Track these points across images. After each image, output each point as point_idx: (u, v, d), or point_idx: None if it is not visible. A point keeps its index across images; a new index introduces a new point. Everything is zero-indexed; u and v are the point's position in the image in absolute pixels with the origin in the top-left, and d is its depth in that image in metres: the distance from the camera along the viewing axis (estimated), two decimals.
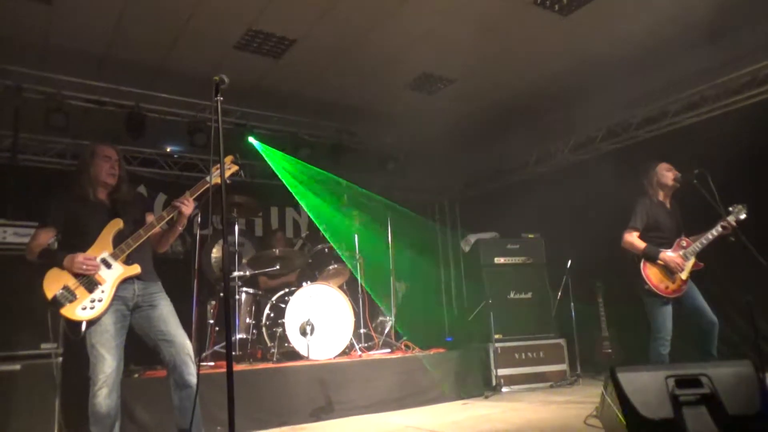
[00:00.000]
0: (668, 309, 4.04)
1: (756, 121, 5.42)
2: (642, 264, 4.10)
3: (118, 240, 3.02)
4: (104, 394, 2.81)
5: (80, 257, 2.88)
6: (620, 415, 2.83)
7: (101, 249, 2.98)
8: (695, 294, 4.11)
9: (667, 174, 4.25)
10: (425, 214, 9.16)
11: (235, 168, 3.23)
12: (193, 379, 2.97)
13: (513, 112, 6.99)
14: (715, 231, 4.02)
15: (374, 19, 5.04)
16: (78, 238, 3.01)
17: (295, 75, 5.95)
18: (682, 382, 2.85)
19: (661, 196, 4.29)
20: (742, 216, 3.99)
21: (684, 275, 4.06)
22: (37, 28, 4.82)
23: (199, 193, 3.15)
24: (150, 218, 3.19)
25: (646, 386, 2.85)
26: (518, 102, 6.74)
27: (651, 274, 4.07)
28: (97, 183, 3.13)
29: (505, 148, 7.83)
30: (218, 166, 3.02)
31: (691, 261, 4.10)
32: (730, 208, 4.00)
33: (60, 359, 3.98)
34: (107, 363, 2.85)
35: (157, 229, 3.09)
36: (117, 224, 3.06)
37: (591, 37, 5.48)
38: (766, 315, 5.02)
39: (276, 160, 6.53)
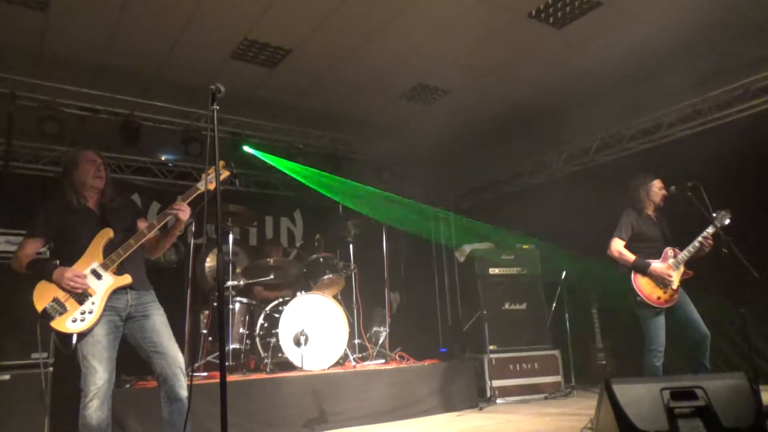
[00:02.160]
0: (661, 320, 4.05)
1: (749, 133, 5.46)
2: (632, 276, 4.12)
3: (109, 250, 2.96)
4: (95, 406, 2.77)
5: (68, 273, 2.83)
6: (615, 427, 2.82)
7: (91, 259, 2.94)
8: (688, 305, 4.12)
9: (658, 192, 4.31)
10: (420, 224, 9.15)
11: (225, 173, 3.20)
12: (184, 393, 2.93)
13: (508, 123, 7.02)
14: (701, 238, 4.04)
15: (370, 30, 5.07)
16: (68, 247, 2.97)
17: (290, 84, 5.97)
18: (677, 394, 2.85)
19: (649, 209, 4.33)
20: (726, 221, 4.01)
21: (674, 284, 4.07)
22: (32, 35, 4.81)
23: (191, 198, 3.11)
24: (142, 225, 3.15)
25: (640, 398, 2.85)
26: (513, 113, 6.77)
27: (642, 285, 4.08)
28: (83, 188, 3.08)
29: (500, 158, 7.85)
30: (209, 172, 3.03)
31: (680, 270, 4.12)
32: (714, 214, 4.02)
33: (50, 369, 3.94)
34: (99, 375, 2.81)
35: (150, 236, 3.06)
36: (107, 234, 3.01)
37: (585, 50, 5.52)
38: (759, 327, 5.04)
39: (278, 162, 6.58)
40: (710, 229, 3.98)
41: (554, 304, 6.08)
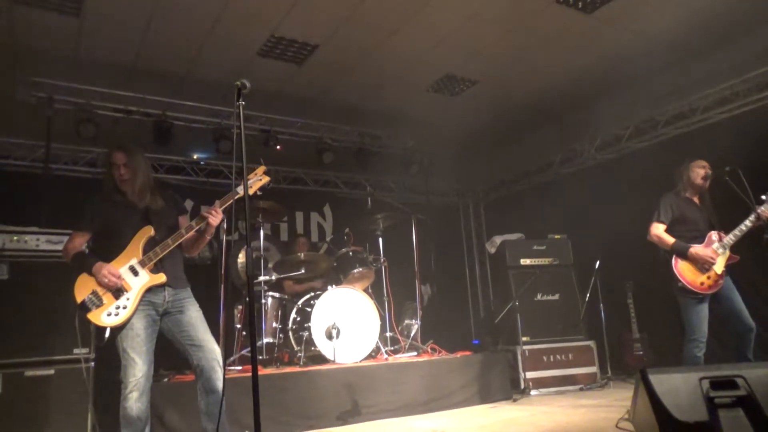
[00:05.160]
0: (704, 308, 3.92)
1: None
2: (673, 260, 4.00)
3: (148, 247, 3.05)
4: (134, 398, 2.86)
5: (104, 270, 2.92)
6: (652, 418, 2.75)
7: (131, 256, 3.03)
8: (733, 294, 3.97)
9: (697, 171, 4.17)
10: (450, 216, 9.13)
11: (266, 179, 3.22)
12: (221, 385, 2.99)
13: (537, 112, 6.92)
14: (749, 222, 3.92)
15: (396, 22, 5.04)
16: (110, 242, 3.06)
17: (317, 80, 5.99)
18: (717, 383, 2.75)
19: (689, 192, 4.21)
20: None
21: (718, 269, 3.95)
22: (67, 40, 4.94)
23: (228, 203, 3.16)
24: (183, 222, 3.23)
25: (678, 388, 2.76)
26: (543, 101, 6.67)
27: (683, 270, 3.96)
28: (120, 187, 3.17)
29: (530, 148, 7.74)
30: (249, 177, 3.05)
31: (726, 254, 3.99)
32: (763, 197, 3.89)
33: (92, 364, 4.06)
34: (138, 367, 2.90)
35: (190, 234, 3.12)
36: (148, 231, 3.09)
37: (615, 34, 5.39)
38: None
39: None
40: (759, 212, 3.85)
41: (588, 294, 5.99)
